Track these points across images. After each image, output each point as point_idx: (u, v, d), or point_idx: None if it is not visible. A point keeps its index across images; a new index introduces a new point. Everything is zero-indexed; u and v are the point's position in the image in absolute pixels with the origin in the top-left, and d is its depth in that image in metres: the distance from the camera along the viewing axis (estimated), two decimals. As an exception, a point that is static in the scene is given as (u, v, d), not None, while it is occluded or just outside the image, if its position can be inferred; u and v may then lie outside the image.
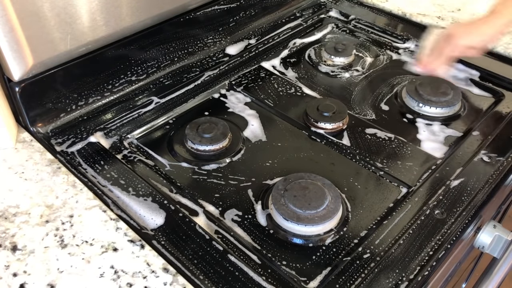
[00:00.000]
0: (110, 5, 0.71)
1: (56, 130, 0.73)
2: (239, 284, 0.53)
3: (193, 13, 0.86)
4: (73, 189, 0.62)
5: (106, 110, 0.77)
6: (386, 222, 0.61)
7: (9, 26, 0.62)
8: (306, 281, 0.56)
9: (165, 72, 0.85)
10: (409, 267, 0.56)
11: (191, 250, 0.56)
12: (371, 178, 0.69)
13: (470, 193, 0.65)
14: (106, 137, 0.74)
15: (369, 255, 0.57)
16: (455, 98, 0.81)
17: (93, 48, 0.74)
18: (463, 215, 0.62)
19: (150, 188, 0.64)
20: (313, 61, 0.94)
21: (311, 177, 0.65)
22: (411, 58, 0.90)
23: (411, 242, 0.59)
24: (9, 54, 0.64)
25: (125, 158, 0.70)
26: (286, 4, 1.04)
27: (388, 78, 0.90)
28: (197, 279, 0.53)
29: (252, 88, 0.85)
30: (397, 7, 1.06)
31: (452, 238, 0.60)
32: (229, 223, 0.62)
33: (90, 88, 0.76)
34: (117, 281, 0.52)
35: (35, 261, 0.54)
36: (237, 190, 0.67)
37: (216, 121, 0.75)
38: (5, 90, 0.69)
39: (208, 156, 0.72)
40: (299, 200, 0.61)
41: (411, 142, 0.75)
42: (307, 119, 0.78)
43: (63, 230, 0.57)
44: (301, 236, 0.60)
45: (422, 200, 0.65)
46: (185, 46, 0.87)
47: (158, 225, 0.59)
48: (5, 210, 0.60)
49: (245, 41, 0.95)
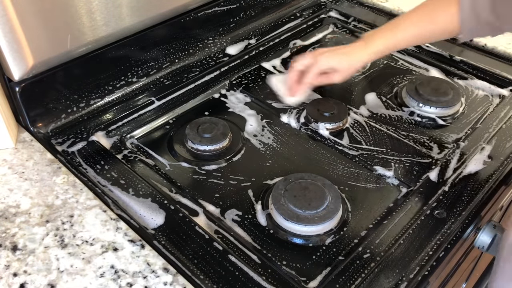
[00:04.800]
0: (110, 5, 0.71)
1: (57, 130, 0.73)
2: (239, 284, 0.53)
3: (193, 13, 0.86)
4: (73, 189, 0.62)
5: (107, 110, 0.77)
6: (386, 222, 0.62)
7: (9, 26, 0.62)
8: (306, 281, 0.56)
9: (166, 72, 0.85)
10: (409, 267, 0.56)
11: (191, 250, 0.56)
12: (371, 178, 0.69)
13: (470, 193, 0.65)
14: (107, 137, 0.74)
15: (369, 255, 0.57)
16: (455, 98, 0.81)
17: (93, 48, 0.74)
18: (463, 215, 0.62)
19: (150, 188, 0.64)
20: (313, 61, 0.94)
21: (311, 177, 0.65)
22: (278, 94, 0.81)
23: (411, 242, 0.59)
24: (9, 54, 0.64)
25: (125, 158, 0.70)
26: (286, 4, 1.04)
27: (388, 78, 0.90)
28: (198, 279, 0.53)
29: (252, 88, 0.85)
30: (397, 7, 1.06)
31: (452, 238, 0.60)
32: (229, 223, 0.62)
33: (91, 88, 0.76)
34: (117, 281, 0.52)
35: (35, 261, 0.54)
36: (237, 190, 0.67)
37: (216, 121, 0.75)
38: (5, 90, 0.69)
39: (208, 156, 0.72)
40: (299, 200, 0.61)
41: (411, 142, 0.75)
42: (308, 119, 0.78)
43: (63, 230, 0.57)
44: (301, 236, 0.60)
45: (422, 200, 0.65)
46: (185, 46, 0.87)
47: (158, 225, 0.59)
48: (5, 210, 0.60)
49: (245, 41, 0.95)
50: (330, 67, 0.74)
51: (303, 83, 0.75)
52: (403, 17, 0.74)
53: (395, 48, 0.77)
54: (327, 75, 0.75)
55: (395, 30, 0.73)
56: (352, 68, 0.75)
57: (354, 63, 0.74)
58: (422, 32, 0.73)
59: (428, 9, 0.72)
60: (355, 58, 0.74)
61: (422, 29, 0.73)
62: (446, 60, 0.93)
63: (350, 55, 0.74)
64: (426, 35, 0.74)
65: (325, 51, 0.75)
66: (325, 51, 0.75)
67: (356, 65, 0.75)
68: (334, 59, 0.74)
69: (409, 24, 0.73)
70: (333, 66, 0.74)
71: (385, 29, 0.74)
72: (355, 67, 0.75)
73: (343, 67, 0.74)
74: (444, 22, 0.70)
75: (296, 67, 0.76)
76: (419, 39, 0.77)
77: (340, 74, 0.75)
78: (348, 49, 0.75)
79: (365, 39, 0.75)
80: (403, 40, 0.74)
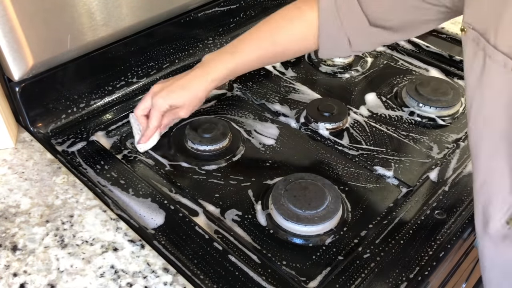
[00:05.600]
0: (110, 5, 0.71)
1: (56, 130, 0.73)
2: (239, 284, 0.53)
3: (193, 13, 0.86)
4: (73, 189, 0.62)
5: (107, 110, 0.77)
6: (386, 222, 0.62)
7: (9, 26, 0.62)
8: (306, 281, 0.56)
9: (166, 73, 0.85)
10: (409, 267, 0.56)
11: (191, 250, 0.57)
12: (371, 178, 0.69)
13: (470, 193, 0.65)
14: (107, 137, 0.74)
15: (369, 255, 0.57)
16: (455, 98, 0.81)
17: (93, 48, 0.74)
18: (463, 215, 0.62)
19: (150, 188, 0.64)
20: (313, 61, 0.94)
21: (311, 177, 0.65)
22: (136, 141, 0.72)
23: (411, 242, 0.59)
24: (9, 54, 0.64)
25: (125, 158, 0.70)
26: (286, 4, 1.04)
27: (388, 78, 0.90)
28: (197, 278, 0.53)
29: (252, 88, 0.85)
30: (397, 7, 1.06)
31: (452, 238, 0.60)
32: (229, 223, 0.62)
33: (91, 88, 0.76)
34: (117, 281, 0.52)
35: (35, 261, 0.54)
36: (237, 190, 0.67)
37: (216, 121, 0.75)
38: (5, 90, 0.69)
39: (208, 156, 0.72)
40: (299, 200, 0.61)
41: (411, 142, 0.75)
42: (307, 119, 0.78)
43: (63, 230, 0.57)
44: (301, 236, 0.60)
45: (422, 200, 0.65)
46: (185, 46, 0.87)
47: (158, 225, 0.59)
48: (5, 210, 0.60)
49: (245, 41, 0.95)
50: (170, 106, 0.66)
51: (149, 129, 0.68)
52: (245, 36, 0.67)
53: (239, 73, 0.69)
54: (173, 111, 0.68)
55: (235, 53, 0.66)
56: (195, 100, 0.67)
57: (195, 95, 0.67)
58: (264, 54, 0.67)
59: (273, 23, 0.66)
60: (196, 89, 0.66)
61: (264, 50, 0.67)
62: (446, 60, 0.93)
63: (189, 88, 0.66)
64: (270, 56, 0.68)
65: (160, 90, 0.67)
66: (159, 89, 0.67)
67: (198, 96, 0.67)
68: (171, 97, 0.66)
69: (248, 44, 0.67)
70: (173, 104, 0.66)
71: (224, 52, 0.67)
72: (198, 98, 0.67)
73: (185, 102, 0.67)
74: (296, 35, 0.65)
75: (137, 113, 0.69)
76: (264, 61, 0.70)
77: (184, 110, 0.68)
78: (185, 81, 0.66)
79: (204, 65, 0.67)
80: (244, 64, 0.67)
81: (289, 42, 0.67)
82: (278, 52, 0.68)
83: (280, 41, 0.66)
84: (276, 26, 0.66)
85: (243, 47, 0.67)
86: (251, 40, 0.67)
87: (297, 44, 0.67)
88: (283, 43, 0.67)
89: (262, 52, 0.67)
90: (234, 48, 0.67)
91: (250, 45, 0.67)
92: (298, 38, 0.66)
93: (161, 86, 0.67)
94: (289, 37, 0.66)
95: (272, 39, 0.66)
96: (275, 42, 0.67)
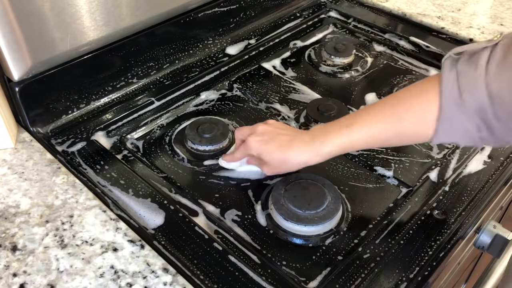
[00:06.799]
0: (110, 5, 0.71)
1: (56, 130, 0.73)
2: (239, 284, 0.53)
3: (193, 13, 0.86)
4: (73, 189, 0.62)
5: (107, 110, 0.77)
6: (386, 222, 0.61)
7: (9, 26, 0.62)
8: (306, 281, 0.55)
9: (165, 73, 0.85)
10: (409, 267, 0.56)
11: (191, 250, 0.56)
12: (371, 178, 0.69)
13: (470, 193, 0.65)
14: (107, 137, 0.74)
15: (369, 255, 0.57)
16: (455, 98, 0.81)
17: (93, 48, 0.74)
18: (463, 215, 0.62)
19: (150, 188, 0.64)
20: (313, 61, 0.94)
21: (311, 177, 0.65)
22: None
23: (411, 242, 0.59)
24: (8, 54, 0.64)
25: (125, 158, 0.70)
26: (286, 4, 1.04)
27: (388, 78, 0.90)
28: (197, 279, 0.53)
29: (252, 88, 0.85)
30: (397, 7, 1.06)
31: (452, 238, 0.60)
32: (229, 223, 0.62)
33: (90, 88, 0.76)
34: (117, 281, 0.52)
35: (35, 261, 0.54)
36: (237, 190, 0.67)
37: (216, 121, 0.75)
38: (5, 90, 0.69)
39: (208, 156, 0.72)
40: (299, 200, 0.61)
41: (411, 142, 0.75)
42: (307, 119, 0.78)
43: (63, 230, 0.57)
44: (301, 236, 0.60)
45: (422, 200, 0.65)
46: (185, 46, 0.87)
47: (158, 225, 0.59)
48: (5, 210, 0.60)
49: (245, 41, 0.95)
50: (258, 155, 0.61)
51: (233, 156, 0.66)
52: (366, 109, 0.57)
53: (349, 150, 0.60)
54: (259, 161, 0.63)
55: (351, 127, 0.56)
56: (285, 166, 0.60)
57: (288, 160, 0.59)
58: (388, 131, 0.55)
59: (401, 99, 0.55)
60: (293, 155, 0.58)
61: (388, 126, 0.55)
62: (446, 60, 0.93)
63: (287, 150, 0.58)
64: (393, 136, 0.56)
65: (262, 132, 0.61)
66: (263, 131, 0.61)
67: (291, 163, 0.59)
68: (262, 149, 0.59)
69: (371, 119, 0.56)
70: (261, 156, 0.61)
71: (340, 125, 0.58)
72: (289, 165, 0.60)
73: (271, 163, 0.60)
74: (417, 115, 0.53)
75: (237, 134, 0.66)
76: (383, 141, 0.57)
77: (269, 168, 0.62)
78: (289, 138, 0.59)
79: (313, 134, 0.58)
80: (359, 141, 0.57)
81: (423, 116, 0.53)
82: (406, 130, 0.55)
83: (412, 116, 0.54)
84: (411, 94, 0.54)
85: (363, 120, 0.56)
86: (374, 112, 0.56)
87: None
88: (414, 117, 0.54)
89: (385, 128, 0.55)
90: (351, 120, 0.57)
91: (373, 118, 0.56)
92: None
93: (265, 129, 0.61)
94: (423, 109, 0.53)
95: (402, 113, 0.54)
96: (404, 117, 0.54)
